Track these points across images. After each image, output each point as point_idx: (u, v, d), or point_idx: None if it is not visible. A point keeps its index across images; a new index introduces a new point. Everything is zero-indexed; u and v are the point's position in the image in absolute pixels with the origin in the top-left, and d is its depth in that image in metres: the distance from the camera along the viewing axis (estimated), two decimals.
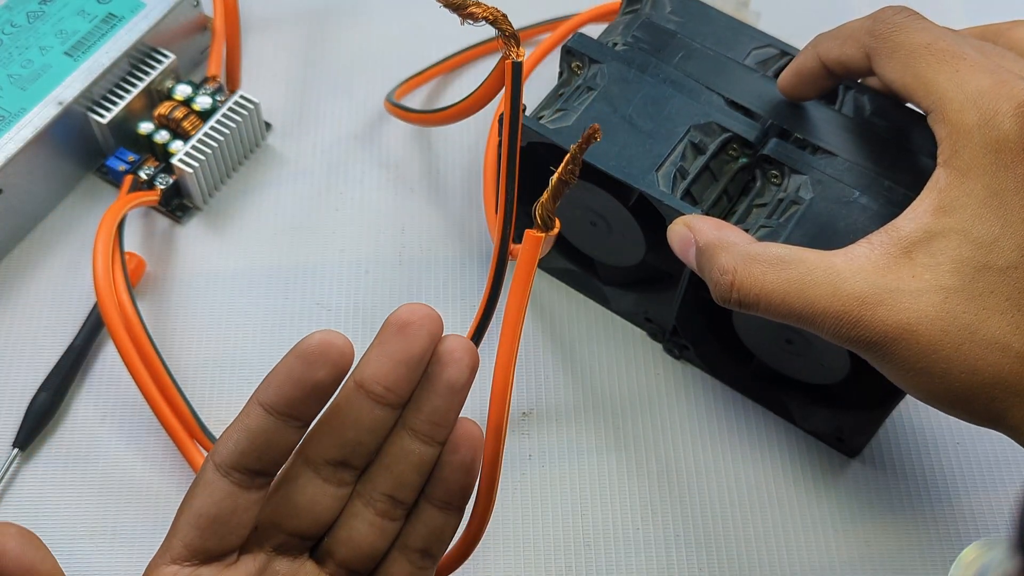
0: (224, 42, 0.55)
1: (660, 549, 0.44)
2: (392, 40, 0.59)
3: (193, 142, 0.51)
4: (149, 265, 0.50)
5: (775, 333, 0.44)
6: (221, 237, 0.52)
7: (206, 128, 0.51)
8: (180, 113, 0.51)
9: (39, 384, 0.47)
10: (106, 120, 0.50)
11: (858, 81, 0.44)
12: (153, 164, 0.51)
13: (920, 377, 0.35)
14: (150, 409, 0.45)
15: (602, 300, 0.50)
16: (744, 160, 0.44)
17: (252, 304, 0.50)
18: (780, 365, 0.46)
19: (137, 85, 0.51)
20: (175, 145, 0.51)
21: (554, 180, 0.33)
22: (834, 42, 0.40)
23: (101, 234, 0.46)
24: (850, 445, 0.46)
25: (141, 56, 0.52)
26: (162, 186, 0.51)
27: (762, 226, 0.42)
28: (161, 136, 0.51)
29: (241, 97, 0.52)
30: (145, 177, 0.51)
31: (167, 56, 0.52)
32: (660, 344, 0.49)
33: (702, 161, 0.43)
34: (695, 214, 0.41)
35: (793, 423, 0.47)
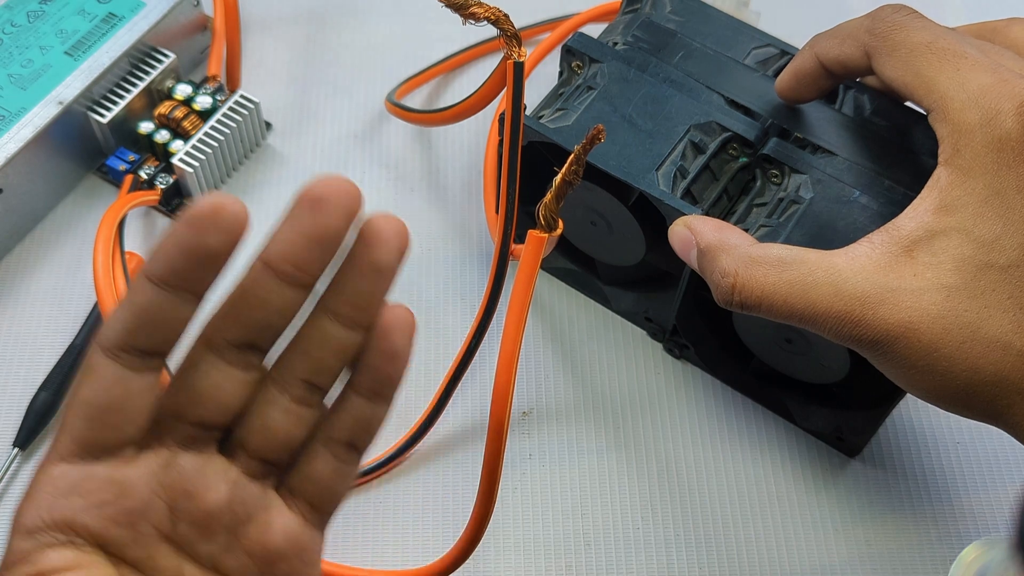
0: (224, 42, 0.55)
1: (660, 549, 0.44)
2: (392, 40, 0.59)
3: (193, 142, 0.51)
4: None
5: (775, 333, 0.44)
6: None
7: (206, 128, 0.51)
8: (180, 113, 0.51)
9: (39, 384, 0.46)
10: (106, 120, 0.50)
11: (857, 80, 0.44)
12: (153, 164, 0.51)
13: (922, 375, 0.35)
14: None
15: (602, 300, 0.50)
16: (744, 159, 0.44)
17: None
18: (780, 365, 0.46)
19: (137, 85, 0.51)
20: (175, 145, 0.51)
21: (558, 181, 0.33)
22: (832, 41, 0.40)
23: (101, 234, 0.46)
24: (850, 445, 0.46)
25: (141, 56, 0.52)
26: (162, 186, 0.51)
27: (762, 225, 0.42)
28: (161, 136, 0.51)
29: (241, 97, 0.52)
30: (145, 177, 0.51)
31: (167, 56, 0.52)
32: (660, 344, 0.49)
33: (702, 160, 0.43)
34: (696, 215, 0.41)
35: (793, 423, 0.47)
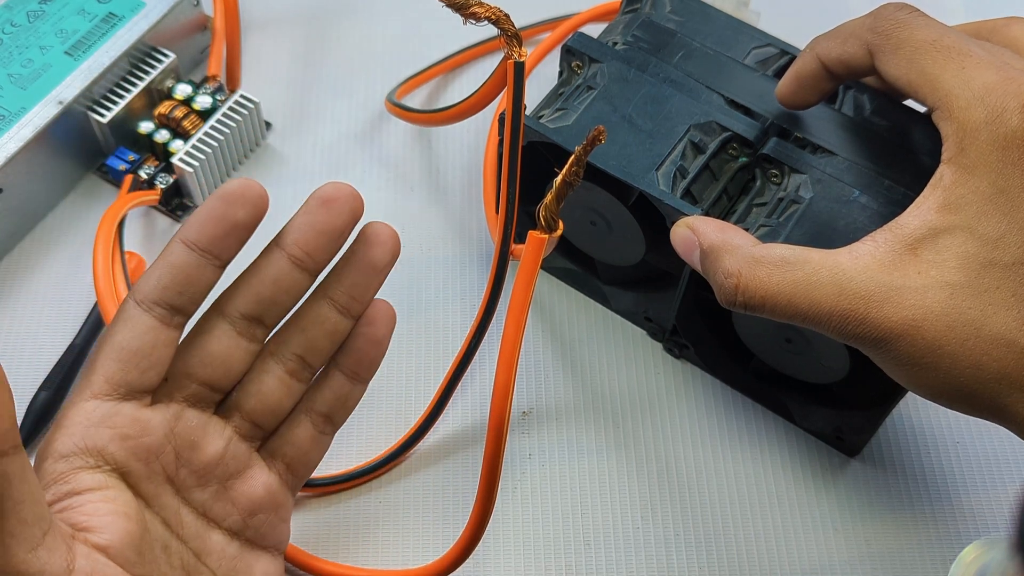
0: (224, 41, 0.55)
1: (660, 549, 0.44)
2: (392, 40, 0.59)
3: (193, 141, 0.51)
4: (150, 264, 0.50)
5: (775, 332, 0.44)
6: None
7: (206, 127, 0.51)
8: (180, 112, 0.51)
9: (39, 383, 0.46)
10: (106, 119, 0.50)
11: (856, 80, 0.44)
12: (153, 163, 0.51)
13: (925, 373, 0.35)
14: None
15: (602, 300, 0.50)
16: (744, 159, 0.44)
17: None
18: (780, 364, 0.46)
19: (137, 84, 0.51)
20: (175, 144, 0.51)
21: (558, 182, 0.33)
22: (834, 41, 0.40)
23: (101, 234, 0.46)
24: (850, 444, 0.46)
25: (141, 55, 0.52)
26: (162, 185, 0.51)
27: (762, 225, 0.42)
28: (161, 135, 0.51)
29: (241, 96, 0.52)
30: (145, 176, 0.51)
31: (167, 55, 0.52)
32: (660, 343, 0.49)
33: (702, 160, 0.43)
34: (698, 215, 0.41)
35: (793, 422, 0.47)
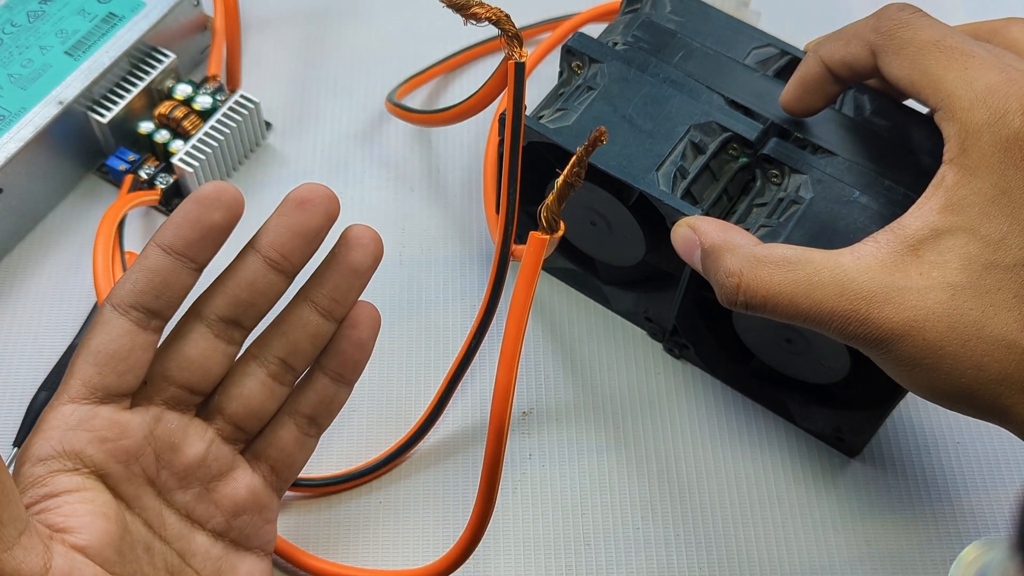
0: (224, 42, 0.55)
1: (660, 549, 0.44)
2: (392, 40, 0.59)
3: (193, 141, 0.51)
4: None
5: (775, 332, 0.44)
6: None
7: (206, 127, 0.51)
8: (180, 112, 0.51)
9: (40, 383, 0.46)
10: (106, 119, 0.50)
11: None
12: (153, 163, 0.51)
13: (926, 374, 0.35)
14: None
15: (602, 300, 0.50)
16: (744, 160, 0.44)
17: None
18: (780, 365, 0.46)
19: (137, 84, 0.51)
20: (175, 144, 0.51)
21: (559, 182, 0.33)
22: (837, 44, 0.39)
23: (101, 234, 0.46)
24: (850, 445, 0.46)
25: (141, 55, 0.52)
26: (162, 185, 0.51)
27: (762, 225, 0.42)
28: (161, 135, 0.51)
29: (241, 96, 0.52)
30: (145, 176, 0.51)
31: (167, 55, 0.52)
32: (660, 344, 0.49)
33: (702, 161, 0.43)
34: (699, 215, 0.41)
35: (793, 423, 0.47)
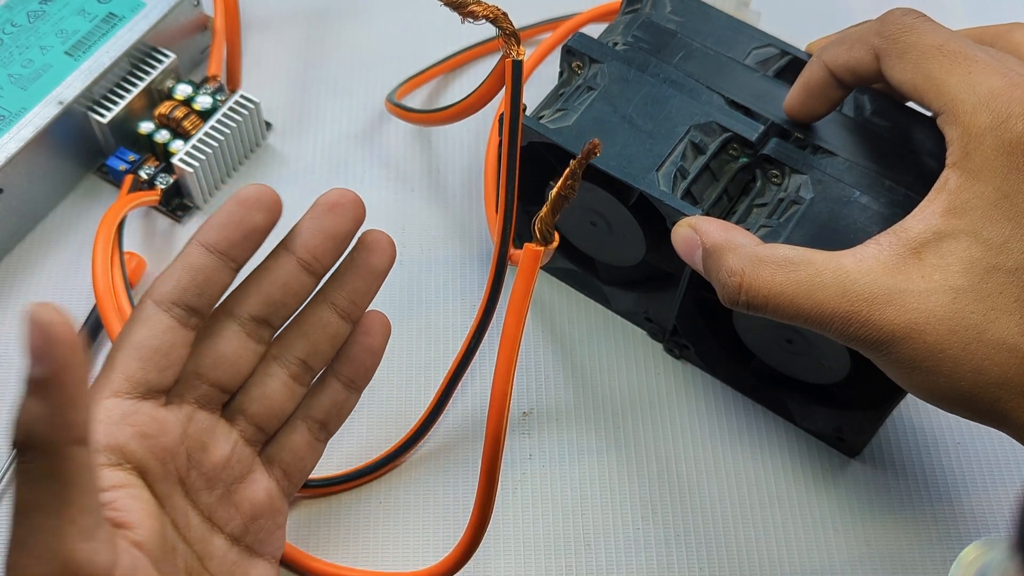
0: (224, 42, 0.55)
1: (660, 549, 0.44)
2: (392, 40, 0.59)
3: (193, 142, 0.51)
4: (149, 265, 0.50)
5: (775, 333, 0.44)
6: None
7: (206, 128, 0.51)
8: (180, 113, 0.51)
9: None
10: (106, 120, 0.50)
11: None
12: (153, 164, 0.51)
13: (926, 376, 0.35)
14: None
15: (602, 300, 0.50)
16: (744, 160, 0.43)
17: None
18: (780, 365, 0.46)
19: (137, 85, 0.51)
20: (175, 145, 0.51)
21: (553, 194, 0.33)
22: (841, 48, 0.39)
23: (100, 235, 0.46)
24: (850, 445, 0.46)
25: (141, 56, 0.52)
26: (162, 186, 0.51)
27: (762, 226, 0.42)
28: (161, 136, 0.51)
29: (241, 97, 0.52)
30: (145, 177, 0.51)
31: (167, 56, 0.52)
32: (660, 344, 0.49)
33: (702, 161, 0.43)
34: (699, 215, 0.41)
35: (793, 423, 0.47)
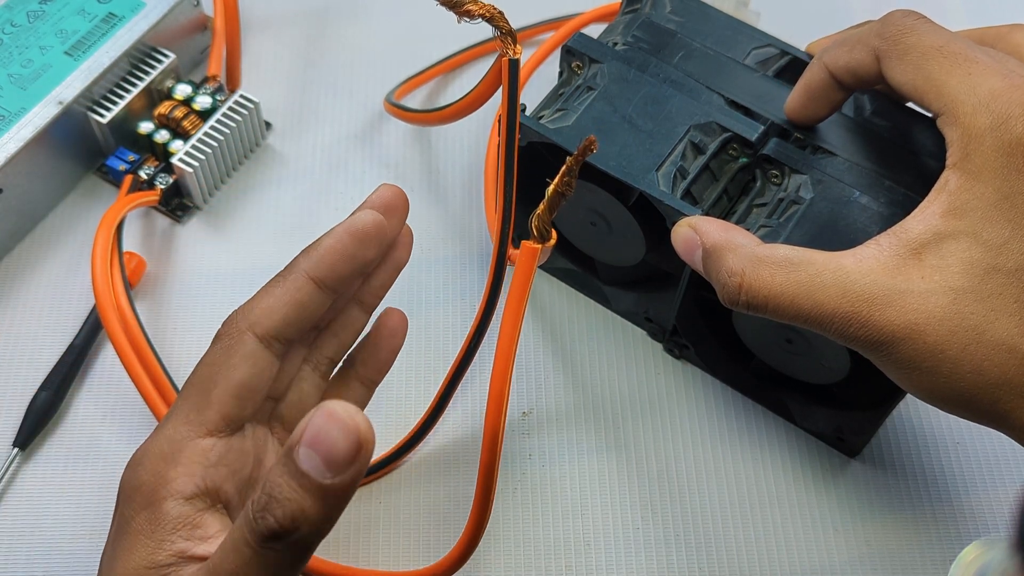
0: (224, 42, 0.55)
1: (660, 549, 0.44)
2: (392, 40, 0.59)
3: (193, 141, 0.51)
4: (149, 265, 0.50)
5: (775, 333, 0.44)
6: (221, 237, 0.52)
7: (206, 128, 0.51)
8: (180, 112, 0.51)
9: (39, 383, 0.47)
10: (106, 120, 0.50)
11: None
12: (153, 164, 0.51)
13: (926, 377, 0.35)
14: (149, 410, 0.45)
15: (602, 300, 0.50)
16: (744, 160, 0.43)
17: None
18: (780, 365, 0.46)
19: (137, 85, 0.51)
20: (175, 145, 0.51)
21: (550, 192, 0.33)
22: (842, 49, 0.39)
23: (100, 235, 0.46)
24: (850, 445, 0.46)
25: (141, 56, 0.52)
26: (162, 186, 0.51)
27: (762, 226, 0.42)
28: (161, 136, 0.51)
29: (241, 96, 0.52)
30: (145, 177, 0.51)
31: (167, 56, 0.52)
32: (660, 344, 0.49)
33: (702, 161, 0.43)
34: (699, 215, 0.41)
35: (793, 423, 0.47)
